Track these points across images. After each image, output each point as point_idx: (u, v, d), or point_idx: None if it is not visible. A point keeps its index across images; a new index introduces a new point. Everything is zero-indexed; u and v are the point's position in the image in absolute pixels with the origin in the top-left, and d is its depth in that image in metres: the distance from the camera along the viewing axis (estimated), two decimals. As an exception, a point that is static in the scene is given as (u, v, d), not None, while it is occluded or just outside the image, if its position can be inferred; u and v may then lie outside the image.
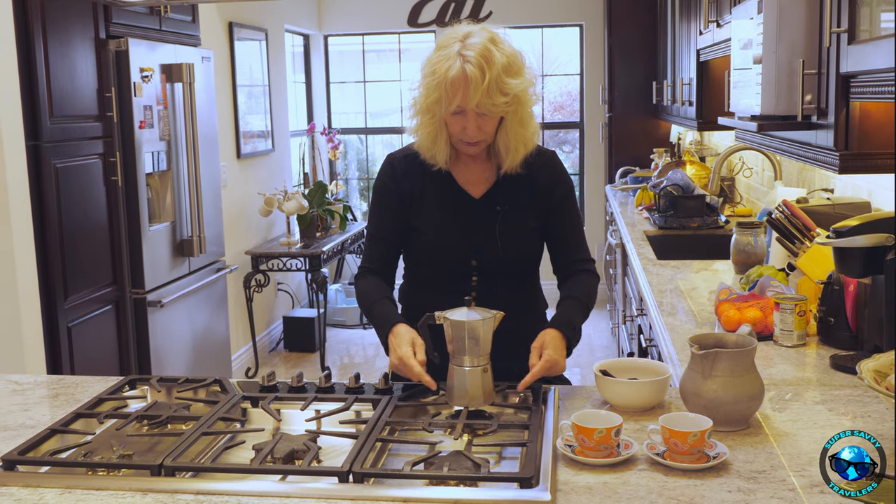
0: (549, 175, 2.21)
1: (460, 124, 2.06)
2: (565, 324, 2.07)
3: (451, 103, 2.02)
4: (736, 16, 2.94)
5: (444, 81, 2.01)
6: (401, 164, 2.21)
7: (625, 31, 6.69)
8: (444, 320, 1.88)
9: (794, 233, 2.62)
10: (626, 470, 1.57)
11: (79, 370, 3.68)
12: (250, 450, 1.68)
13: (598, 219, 7.52)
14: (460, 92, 2.00)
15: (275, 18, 6.56)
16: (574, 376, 5.55)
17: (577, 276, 2.23)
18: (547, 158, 2.23)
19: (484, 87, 1.98)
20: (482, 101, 2.00)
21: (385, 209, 2.22)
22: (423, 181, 2.19)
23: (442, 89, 2.02)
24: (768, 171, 4.35)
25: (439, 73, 2.02)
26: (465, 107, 2.02)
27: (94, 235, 3.86)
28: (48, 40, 3.52)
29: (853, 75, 2.01)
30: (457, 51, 2.01)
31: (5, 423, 1.91)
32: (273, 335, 6.49)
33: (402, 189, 2.19)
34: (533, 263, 2.25)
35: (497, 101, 2.01)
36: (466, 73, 1.98)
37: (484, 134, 2.08)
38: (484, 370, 1.88)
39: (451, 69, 2.00)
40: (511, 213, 2.16)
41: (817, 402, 1.92)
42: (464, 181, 2.19)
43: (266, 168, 6.39)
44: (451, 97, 2.01)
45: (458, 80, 1.99)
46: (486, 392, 1.88)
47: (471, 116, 2.04)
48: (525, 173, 2.17)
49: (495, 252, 2.14)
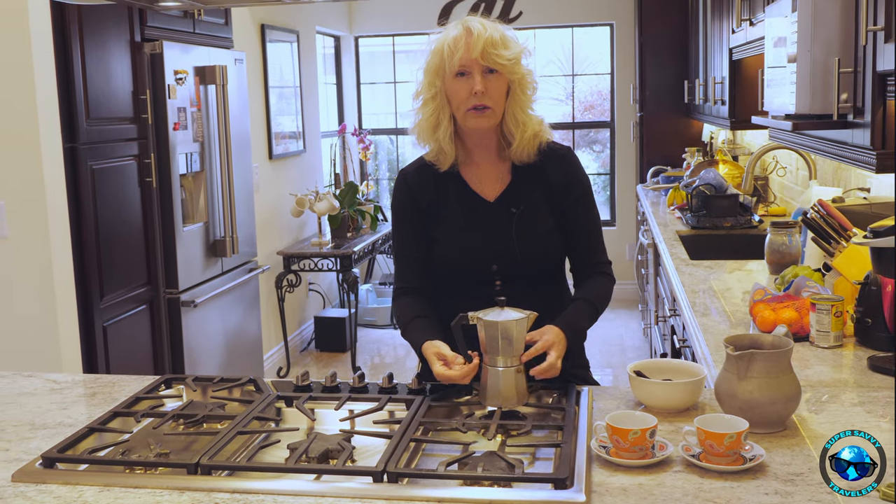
0: (565, 173, 2.16)
1: (466, 86, 2.03)
2: (569, 325, 2.03)
3: (453, 58, 2.01)
4: (769, 14, 2.92)
5: (445, 41, 2.03)
6: (413, 178, 2.19)
7: (656, 30, 6.66)
8: (478, 321, 1.88)
9: (830, 233, 2.60)
10: (662, 471, 1.56)
11: (114, 369, 3.72)
12: (285, 449, 1.70)
13: (629, 218, 7.49)
14: (462, 44, 2.01)
15: (306, 20, 6.59)
16: (606, 377, 5.53)
17: (592, 279, 2.19)
18: (562, 155, 2.18)
19: (487, 37, 1.99)
20: (488, 49, 1.99)
21: (407, 226, 2.20)
22: (438, 190, 2.17)
23: (443, 51, 2.03)
24: (802, 171, 4.31)
25: (439, 41, 2.05)
26: (469, 60, 2.00)
27: (129, 236, 3.90)
28: (85, 43, 3.56)
29: (890, 74, 1.99)
30: (455, 23, 2.06)
31: (44, 422, 1.93)
32: (304, 335, 6.52)
33: (418, 202, 2.17)
34: (555, 263, 2.20)
35: (501, 53, 2.01)
36: (469, 27, 2.02)
37: (490, 98, 2.04)
38: (518, 370, 1.87)
39: (451, 32, 2.04)
40: (527, 213, 2.13)
41: (854, 403, 1.90)
42: (477, 183, 2.16)
43: (297, 169, 6.42)
44: (453, 52, 2.01)
45: (459, 36, 2.02)
46: (520, 392, 1.88)
47: (476, 74, 2.01)
48: (538, 169, 2.14)
49: (514, 256, 2.11)
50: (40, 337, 3.41)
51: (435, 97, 2.07)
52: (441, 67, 2.04)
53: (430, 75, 2.07)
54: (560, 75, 7.69)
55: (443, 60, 2.03)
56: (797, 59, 2.38)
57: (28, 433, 1.87)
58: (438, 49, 2.04)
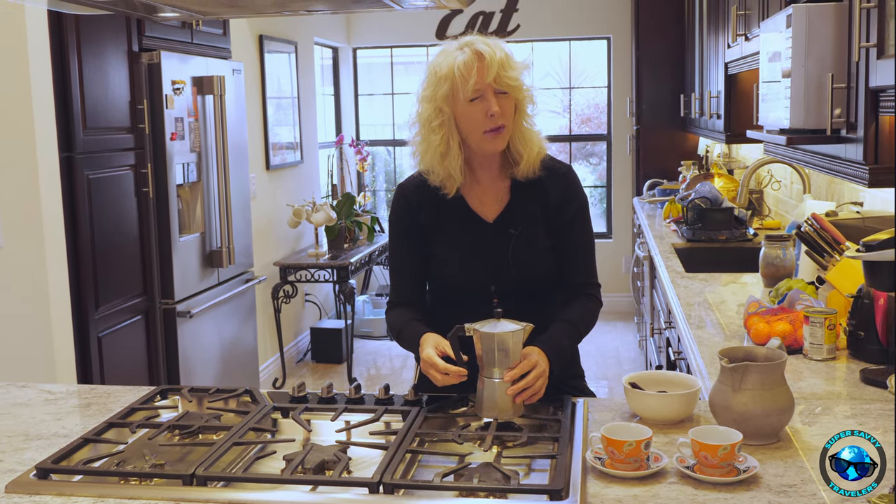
0: (563, 190, 2.16)
1: (482, 109, 2.02)
2: (552, 346, 2.00)
3: (466, 84, 2.00)
4: (765, 29, 2.94)
5: (454, 68, 2.00)
6: (413, 195, 2.18)
7: (652, 44, 6.69)
8: (474, 332, 1.89)
9: (824, 246, 2.61)
10: (656, 483, 1.56)
11: (109, 380, 3.72)
12: (281, 460, 1.70)
13: (625, 231, 7.51)
14: (475, 70, 2.00)
15: (304, 31, 6.61)
16: (601, 388, 5.53)
17: (579, 301, 2.16)
18: (562, 174, 2.18)
19: (499, 59, 2.00)
20: (500, 72, 2.00)
21: (404, 241, 2.19)
22: (438, 209, 2.16)
23: (452, 78, 2.01)
24: (797, 184, 4.33)
25: (445, 67, 2.02)
26: (483, 85, 2.00)
27: (125, 246, 3.91)
28: (82, 53, 3.57)
29: (882, 89, 2.01)
30: (456, 47, 2.04)
31: (38, 432, 1.93)
32: (300, 346, 6.52)
33: (417, 219, 2.17)
34: (553, 280, 2.18)
35: (510, 74, 2.01)
36: (478, 50, 2.01)
37: (506, 118, 2.04)
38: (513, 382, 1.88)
39: (459, 57, 2.01)
40: (524, 235, 2.12)
41: (847, 416, 1.91)
42: (477, 204, 2.16)
43: (295, 180, 6.43)
44: (466, 78, 2.00)
45: (469, 61, 2.00)
46: (516, 404, 1.89)
47: (490, 96, 2.02)
48: (538, 186, 2.14)
49: (511, 277, 2.12)
50: (35, 347, 3.41)
51: (443, 124, 2.05)
52: (451, 94, 2.03)
53: (437, 102, 2.04)
54: (557, 88, 7.72)
55: (454, 87, 2.02)
56: (791, 74, 2.40)
57: (22, 444, 1.87)
58: (447, 75, 2.01)
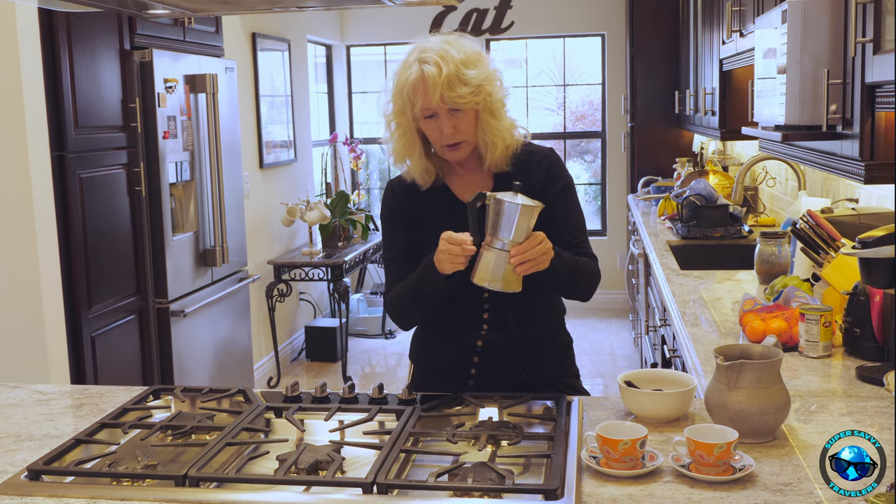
0: (545, 174, 2.15)
1: (436, 128, 2.05)
2: (555, 249, 1.99)
3: (414, 106, 2.02)
4: (759, 25, 2.93)
5: (405, 87, 2.03)
6: (400, 187, 2.20)
7: (647, 41, 6.68)
8: (491, 198, 1.91)
9: (819, 243, 2.60)
10: (652, 482, 1.56)
11: (102, 380, 3.71)
12: (274, 460, 1.69)
13: (620, 228, 7.50)
14: (420, 92, 2.01)
15: (297, 29, 6.59)
16: (596, 387, 5.53)
17: None
18: (542, 157, 2.17)
19: (443, 80, 1.99)
20: (445, 94, 1.99)
21: (395, 231, 2.21)
22: (424, 199, 2.18)
23: (404, 96, 2.04)
24: (792, 181, 4.32)
25: (399, 83, 2.05)
26: (430, 106, 2.01)
27: (118, 245, 3.89)
28: (73, 51, 3.55)
29: (878, 85, 2.00)
30: (414, 59, 2.05)
31: (30, 433, 1.92)
32: (295, 345, 6.51)
33: (405, 210, 2.19)
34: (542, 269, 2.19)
35: (461, 92, 2.00)
36: (424, 72, 2.00)
37: (461, 134, 2.05)
38: None
39: (410, 75, 2.03)
40: None
41: (843, 413, 1.90)
42: (461, 191, 2.17)
43: (288, 178, 6.42)
44: (414, 100, 2.02)
45: (416, 81, 2.01)
46: (508, 277, 1.90)
47: (443, 116, 2.03)
48: (520, 173, 2.12)
49: None
50: (27, 347, 3.39)
51: (405, 133, 2.09)
52: (404, 110, 2.05)
53: (396, 113, 2.08)
54: (551, 85, 7.71)
55: (405, 107, 2.05)
56: (787, 70, 2.39)
57: (13, 445, 1.85)
58: (399, 91, 2.05)
